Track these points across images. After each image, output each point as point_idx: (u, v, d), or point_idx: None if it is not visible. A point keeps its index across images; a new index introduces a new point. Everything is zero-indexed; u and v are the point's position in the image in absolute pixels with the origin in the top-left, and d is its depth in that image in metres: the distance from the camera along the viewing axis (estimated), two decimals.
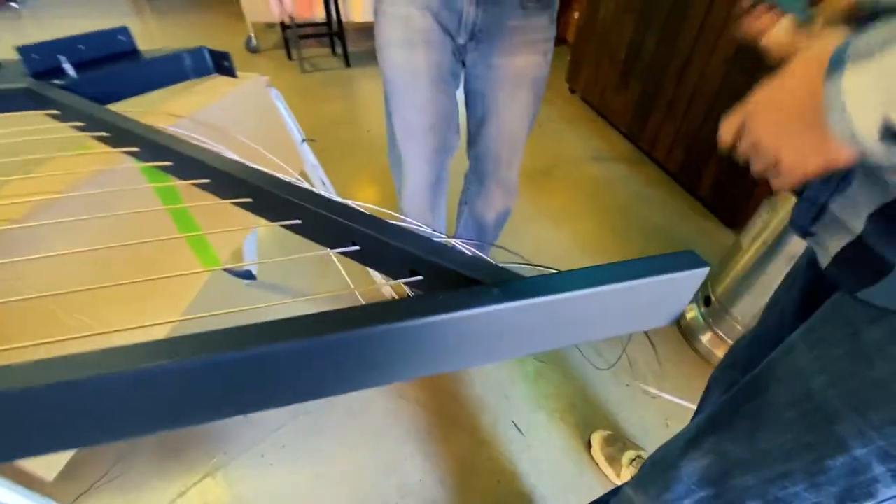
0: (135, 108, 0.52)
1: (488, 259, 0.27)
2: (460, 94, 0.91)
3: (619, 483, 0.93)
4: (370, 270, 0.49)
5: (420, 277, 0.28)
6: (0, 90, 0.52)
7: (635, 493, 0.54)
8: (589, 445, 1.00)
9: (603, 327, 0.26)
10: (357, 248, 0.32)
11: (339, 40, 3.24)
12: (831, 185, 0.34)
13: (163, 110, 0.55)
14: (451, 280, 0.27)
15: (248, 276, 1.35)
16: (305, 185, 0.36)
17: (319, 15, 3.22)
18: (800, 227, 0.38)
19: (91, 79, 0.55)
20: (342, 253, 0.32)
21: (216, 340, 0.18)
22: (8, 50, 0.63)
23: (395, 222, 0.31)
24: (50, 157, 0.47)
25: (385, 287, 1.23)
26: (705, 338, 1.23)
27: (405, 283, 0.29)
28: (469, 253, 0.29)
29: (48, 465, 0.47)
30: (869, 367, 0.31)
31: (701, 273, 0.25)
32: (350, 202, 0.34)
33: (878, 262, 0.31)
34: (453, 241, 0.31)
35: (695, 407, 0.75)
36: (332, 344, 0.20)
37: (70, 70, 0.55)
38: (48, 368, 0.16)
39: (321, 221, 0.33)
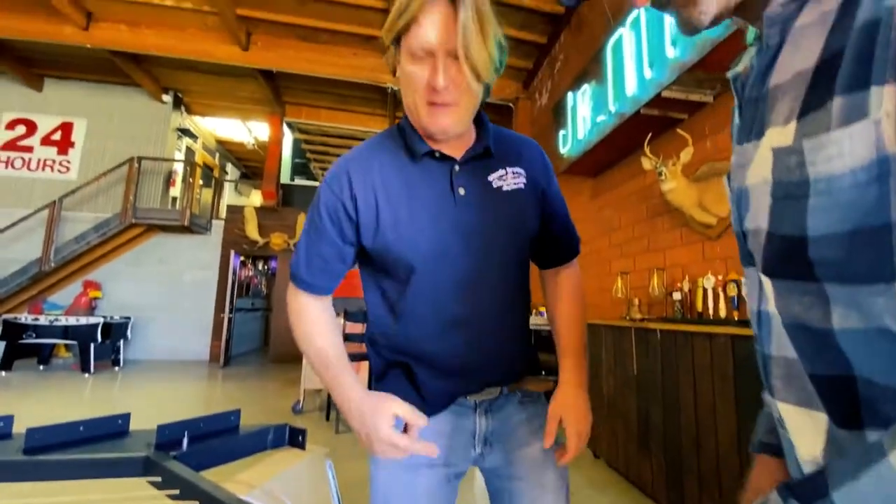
0: (219, 476, 0.62)
1: None
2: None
3: None
4: None
5: None
6: (123, 458, 0.65)
7: None
8: None
9: None
10: None
11: None
12: None
13: (242, 479, 0.65)
14: None
15: None
16: None
17: None
18: None
19: (197, 450, 0.69)
20: None
21: None
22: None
23: None
24: None
25: None
26: None
27: None
28: None
29: None
30: None
31: None
32: None
33: None
34: None
35: None
36: None
37: (185, 443, 0.70)
38: None
39: None
